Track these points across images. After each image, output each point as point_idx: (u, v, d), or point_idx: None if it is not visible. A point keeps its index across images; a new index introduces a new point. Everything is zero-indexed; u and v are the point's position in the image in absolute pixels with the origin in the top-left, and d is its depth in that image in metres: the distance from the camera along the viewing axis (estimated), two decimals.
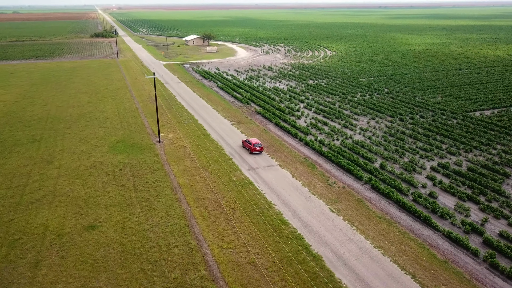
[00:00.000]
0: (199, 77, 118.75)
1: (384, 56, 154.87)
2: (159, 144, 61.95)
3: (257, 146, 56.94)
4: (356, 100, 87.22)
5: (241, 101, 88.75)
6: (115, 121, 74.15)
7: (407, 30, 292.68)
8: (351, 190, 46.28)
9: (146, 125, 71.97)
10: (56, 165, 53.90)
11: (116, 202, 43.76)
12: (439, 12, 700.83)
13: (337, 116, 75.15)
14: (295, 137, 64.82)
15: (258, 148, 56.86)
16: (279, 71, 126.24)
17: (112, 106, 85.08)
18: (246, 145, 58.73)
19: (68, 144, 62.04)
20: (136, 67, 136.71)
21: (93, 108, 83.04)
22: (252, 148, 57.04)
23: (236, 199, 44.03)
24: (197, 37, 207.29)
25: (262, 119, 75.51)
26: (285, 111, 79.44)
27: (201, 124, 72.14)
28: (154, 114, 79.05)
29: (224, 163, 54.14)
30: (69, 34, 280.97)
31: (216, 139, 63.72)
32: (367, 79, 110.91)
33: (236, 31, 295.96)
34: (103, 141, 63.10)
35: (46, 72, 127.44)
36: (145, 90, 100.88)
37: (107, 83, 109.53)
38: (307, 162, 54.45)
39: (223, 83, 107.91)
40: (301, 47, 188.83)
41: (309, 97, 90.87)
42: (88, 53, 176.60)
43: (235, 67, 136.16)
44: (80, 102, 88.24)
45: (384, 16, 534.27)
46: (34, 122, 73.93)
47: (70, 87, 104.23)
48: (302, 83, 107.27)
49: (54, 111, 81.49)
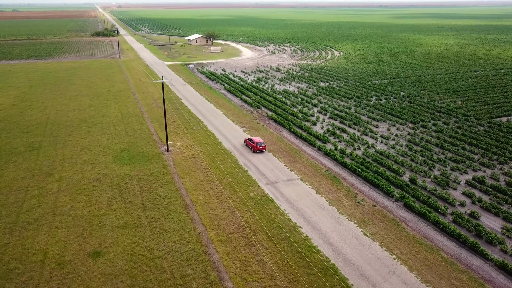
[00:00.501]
0: (204, 79, 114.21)
1: (394, 57, 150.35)
2: (167, 153, 57.49)
3: (260, 144, 56.78)
4: (372, 104, 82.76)
5: (251, 105, 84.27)
6: (119, 127, 69.64)
7: (413, 30, 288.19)
8: (383, 209, 41.84)
9: (152, 131, 67.50)
10: (56, 177, 49.41)
11: (123, 222, 39.30)
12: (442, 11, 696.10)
13: (355, 122, 70.68)
14: (313, 146, 60.36)
15: (260, 146, 56.72)
16: (287, 72, 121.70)
17: (115, 110, 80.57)
18: (249, 143, 58.62)
19: (69, 153, 57.54)
20: (139, 68, 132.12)
21: (95, 112, 78.53)
22: (255, 146, 56.94)
23: (257, 220, 39.58)
24: (200, 37, 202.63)
25: (275, 125, 71.03)
26: (298, 116, 74.97)
27: (211, 130, 67.65)
28: (160, 119, 74.59)
29: (239, 175, 49.68)
30: (69, 32, 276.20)
31: (229, 148, 59.22)
32: (380, 82, 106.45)
33: (239, 30, 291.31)
34: (106, 150, 58.61)
35: (46, 73, 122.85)
36: (149, 92, 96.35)
37: (109, 85, 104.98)
38: (330, 175, 49.99)
39: (230, 85, 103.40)
40: (307, 47, 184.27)
41: (323, 101, 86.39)
42: (89, 53, 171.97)
43: (241, 68, 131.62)
44: (81, 106, 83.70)
45: (388, 16, 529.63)
46: (33, 127, 69.41)
47: (71, 89, 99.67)
48: (313, 85, 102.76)
49: (54, 115, 76.96)
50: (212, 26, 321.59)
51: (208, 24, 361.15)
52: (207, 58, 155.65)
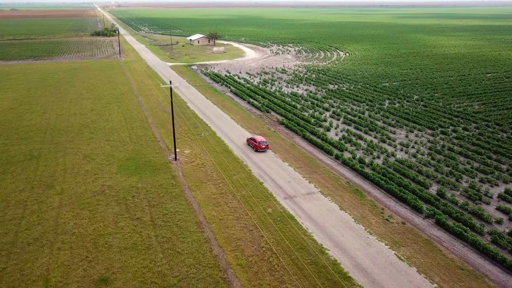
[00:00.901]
0: (209, 81, 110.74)
1: (401, 58, 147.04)
2: (175, 163, 54.04)
3: (262, 144, 57.37)
4: (386, 109, 79.45)
5: (260, 109, 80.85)
6: (123, 133, 66.15)
7: (418, 30, 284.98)
8: (413, 227, 38.46)
9: (158, 138, 64.03)
10: (57, 190, 45.94)
11: (131, 243, 35.86)
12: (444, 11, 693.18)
13: (371, 128, 67.30)
14: (330, 154, 56.96)
15: (263, 146, 57.21)
16: (294, 74, 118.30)
17: (118, 114, 77.06)
18: (251, 143, 58.80)
19: (71, 162, 54.05)
20: (141, 69, 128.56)
21: (97, 117, 75.01)
22: (257, 145, 57.36)
23: (278, 240, 36.18)
24: (202, 37, 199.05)
25: (287, 131, 67.61)
26: (310, 121, 71.57)
27: (219, 137, 64.18)
28: (165, 124, 71.12)
29: (254, 188, 46.26)
30: (68, 32, 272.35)
31: (240, 157, 55.78)
32: (391, 84, 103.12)
33: (240, 30, 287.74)
34: (110, 159, 55.13)
35: (45, 74, 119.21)
36: (152, 95, 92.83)
37: (110, 87, 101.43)
38: (352, 187, 46.59)
39: (236, 88, 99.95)
40: (311, 48, 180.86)
41: (334, 105, 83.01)
42: (89, 53, 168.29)
43: (246, 70, 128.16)
44: (83, 110, 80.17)
45: (391, 16, 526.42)
46: (32, 133, 65.87)
47: (71, 92, 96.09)
48: (321, 88, 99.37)
49: (54, 120, 73.43)
50: (213, 26, 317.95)
51: (209, 23, 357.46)
52: (210, 59, 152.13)
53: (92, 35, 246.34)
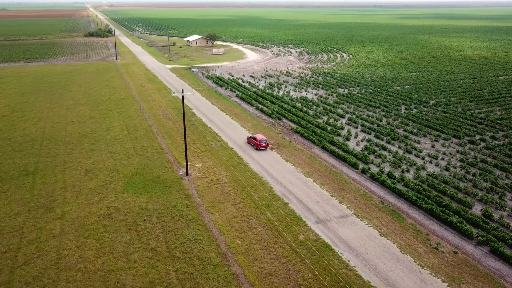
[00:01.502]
0: (212, 85, 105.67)
1: (407, 60, 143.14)
2: (187, 178, 49.05)
3: (263, 142, 58.19)
4: (403, 115, 75.12)
5: (270, 116, 76.06)
6: (126, 143, 60.95)
7: (419, 31, 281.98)
8: (467, 258, 33.90)
9: (165, 149, 58.96)
10: (58, 213, 40.73)
11: (148, 281, 30.87)
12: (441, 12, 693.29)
13: (393, 137, 62.79)
14: (355, 168, 52.32)
15: (263, 144, 58.05)
16: (299, 77, 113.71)
17: (120, 122, 71.79)
18: (252, 141, 59.57)
19: (71, 178, 48.81)
20: (139, 72, 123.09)
21: (97, 125, 69.67)
22: (258, 144, 58.02)
23: (317, 276, 31.41)
24: (200, 38, 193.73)
25: (304, 141, 62.86)
26: (326, 129, 66.94)
27: (232, 148, 59.25)
28: (171, 133, 66.05)
29: (279, 210, 41.44)
30: (61, 33, 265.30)
31: (258, 171, 50.91)
32: (402, 88, 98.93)
33: (238, 31, 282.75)
34: (115, 174, 49.98)
35: (38, 78, 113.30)
36: (154, 100, 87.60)
37: (109, 91, 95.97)
38: (387, 208, 41.94)
39: (242, 92, 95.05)
40: (313, 49, 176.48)
41: (348, 111, 78.48)
42: (84, 55, 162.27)
43: (249, 72, 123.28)
44: (81, 117, 74.75)
45: (390, 16, 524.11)
46: (27, 144, 60.41)
47: (67, 97, 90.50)
48: (331, 92, 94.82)
49: (50, 129, 67.97)
50: (209, 27, 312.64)
51: (205, 24, 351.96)
52: (211, 61, 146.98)
53: (85, 35, 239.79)
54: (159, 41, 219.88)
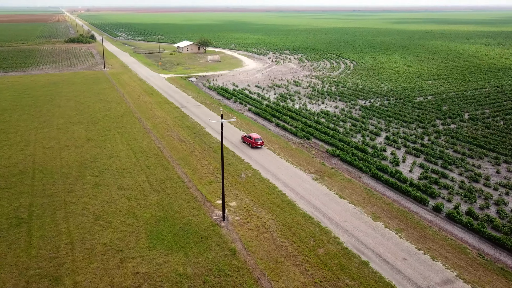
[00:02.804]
0: (218, 97, 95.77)
1: (415, 67, 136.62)
2: (225, 225, 39.28)
3: (258, 140, 59.74)
4: (443, 131, 67.22)
5: (296, 135, 66.87)
6: (138, 175, 50.63)
7: (419, 36, 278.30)
8: None
9: (186, 181, 48.95)
10: (67, 286, 30.36)
11: None
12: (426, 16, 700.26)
13: (448, 161, 54.45)
14: (423, 204, 43.55)
15: (259, 142, 59.55)
16: (310, 87, 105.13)
17: (124, 146, 61.23)
18: (247, 140, 61.25)
19: (78, 228, 38.34)
20: (133, 83, 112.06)
21: (98, 151, 58.94)
22: (253, 142, 59.57)
23: None
24: (191, 44, 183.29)
25: (347, 167, 53.83)
26: (367, 150, 58.21)
27: (267, 179, 49.69)
28: (188, 159, 56.03)
29: (359, 272, 32.10)
30: (39, 39, 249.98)
31: (311, 213, 41.45)
32: (425, 98, 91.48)
33: (226, 36, 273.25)
34: (133, 221, 39.75)
35: (20, 90, 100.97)
36: (158, 117, 77.17)
37: (103, 106, 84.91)
38: (493, 266, 33.17)
39: (254, 106, 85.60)
40: (312, 56, 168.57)
41: (380, 127, 70.07)
42: (67, 63, 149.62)
43: (253, 82, 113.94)
44: (76, 140, 63.79)
45: (381, 21, 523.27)
46: (15, 179, 49.36)
47: (57, 114, 79.08)
48: (352, 104, 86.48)
49: (41, 156, 56.89)
50: (196, 32, 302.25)
51: (190, 29, 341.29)
52: (208, 69, 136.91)
53: (66, 42, 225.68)
54: (146, 47, 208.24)
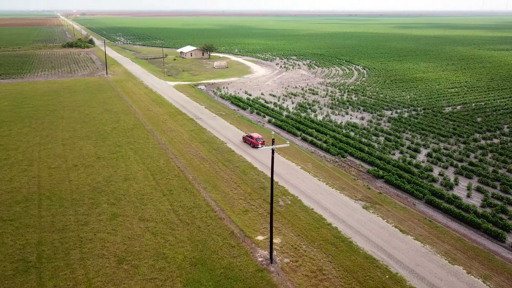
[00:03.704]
0: (232, 107, 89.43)
1: (433, 74, 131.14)
2: (274, 269, 32.95)
3: (259, 140, 61.06)
4: (487, 147, 61.38)
5: (328, 151, 60.69)
6: (161, 202, 44.16)
7: (433, 42, 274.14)
8: None
9: (217, 210, 42.58)
10: None
11: None
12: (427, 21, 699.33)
13: (507, 184, 48.48)
14: (498, 240, 37.45)
15: (260, 142, 60.74)
16: (328, 95, 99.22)
17: (139, 165, 54.72)
18: (248, 140, 62.58)
19: (99, 276, 31.80)
20: (139, 91, 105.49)
21: (111, 171, 52.37)
22: (254, 142, 60.96)
23: None
24: (195, 49, 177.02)
25: (396, 191, 47.65)
26: (412, 171, 52.17)
27: (310, 207, 43.38)
28: (214, 182, 49.66)
29: None
30: (36, 43, 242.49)
31: (374, 254, 35.07)
32: (454, 109, 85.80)
33: (229, 41, 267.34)
34: (164, 265, 33.28)
35: (18, 99, 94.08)
36: (172, 131, 70.72)
37: (111, 118, 78.32)
38: None
39: (274, 117, 79.41)
40: (321, 62, 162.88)
41: (418, 142, 64.00)
42: (67, 69, 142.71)
43: (266, 90, 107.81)
44: (85, 158, 57.16)
45: (385, 26, 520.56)
46: (19, 208, 42.70)
47: (60, 127, 72.37)
48: (378, 115, 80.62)
49: (47, 178, 50.25)
50: (197, 37, 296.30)
51: (191, 34, 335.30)
52: (216, 76, 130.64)
53: (64, 46, 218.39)
54: (148, 52, 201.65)
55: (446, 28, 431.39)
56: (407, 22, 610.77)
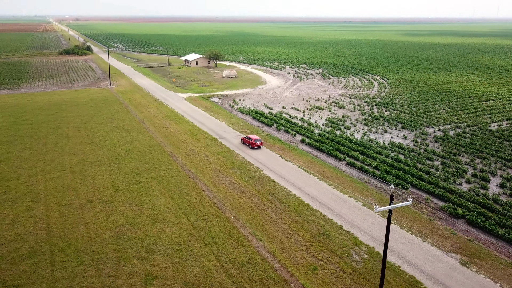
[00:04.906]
0: (255, 123, 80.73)
1: (456, 85, 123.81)
2: None
3: (257, 141, 62.55)
4: None
5: (385, 181, 52.17)
6: (204, 255, 35.18)
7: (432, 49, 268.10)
8: None
9: (274, 263, 33.80)
10: None
11: None
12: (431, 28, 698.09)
13: None
14: None
15: (258, 143, 62.31)
16: (357, 109, 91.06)
17: (167, 200, 45.72)
18: (246, 141, 63.79)
19: None
20: (149, 104, 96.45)
21: (134, 209, 43.30)
22: (252, 143, 62.39)
23: None
24: (201, 57, 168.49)
25: (486, 237, 39.12)
26: (495, 208, 43.82)
27: (395, 264, 34.64)
28: (259, 222, 40.91)
29: None
30: (30, 50, 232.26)
31: None
32: (500, 125, 78.02)
33: (230, 49, 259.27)
34: None
35: (16, 114, 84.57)
36: (196, 153, 61.77)
37: (122, 137, 69.20)
38: None
39: (305, 136, 70.86)
40: (335, 71, 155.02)
41: (482, 168, 55.84)
42: (66, 78, 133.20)
43: (286, 103, 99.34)
44: (100, 191, 48.01)
45: (383, 33, 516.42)
46: (26, 267, 33.48)
47: (66, 149, 63.07)
48: (420, 133, 72.46)
49: (57, 221, 41.04)
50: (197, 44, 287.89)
51: (190, 40, 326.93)
52: (227, 86, 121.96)
53: (60, 53, 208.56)
54: (149, 60, 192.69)
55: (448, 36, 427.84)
56: (407, 29, 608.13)
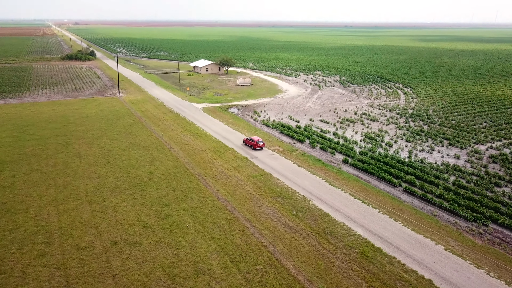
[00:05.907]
0: (284, 138, 72.97)
1: (486, 93, 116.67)
2: None
3: (260, 142, 63.69)
4: None
5: (456, 213, 44.54)
6: None
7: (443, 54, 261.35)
8: None
9: None
10: None
11: None
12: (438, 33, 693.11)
13: None
14: None
15: (260, 144, 63.45)
16: (391, 122, 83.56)
17: (207, 241, 37.97)
18: (249, 142, 64.97)
19: None
20: (164, 116, 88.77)
21: (170, 255, 35.54)
22: (255, 144, 63.50)
23: None
24: (211, 63, 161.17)
25: None
26: None
27: None
28: (325, 274, 33.34)
29: None
30: (30, 55, 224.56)
31: None
32: None
33: (238, 55, 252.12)
34: None
35: (19, 129, 76.73)
36: (228, 176, 54.06)
37: (141, 157, 61.41)
38: None
39: (347, 155, 63.25)
40: (354, 78, 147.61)
41: None
42: (71, 86, 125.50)
43: (312, 114, 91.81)
44: (126, 229, 40.20)
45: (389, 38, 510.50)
46: None
47: (79, 171, 55.21)
48: (472, 151, 64.99)
49: (78, 271, 33.29)
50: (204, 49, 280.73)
51: (195, 45, 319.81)
52: (244, 95, 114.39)
53: (63, 59, 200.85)
54: (155, 66, 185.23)
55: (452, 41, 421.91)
56: (412, 35, 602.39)
